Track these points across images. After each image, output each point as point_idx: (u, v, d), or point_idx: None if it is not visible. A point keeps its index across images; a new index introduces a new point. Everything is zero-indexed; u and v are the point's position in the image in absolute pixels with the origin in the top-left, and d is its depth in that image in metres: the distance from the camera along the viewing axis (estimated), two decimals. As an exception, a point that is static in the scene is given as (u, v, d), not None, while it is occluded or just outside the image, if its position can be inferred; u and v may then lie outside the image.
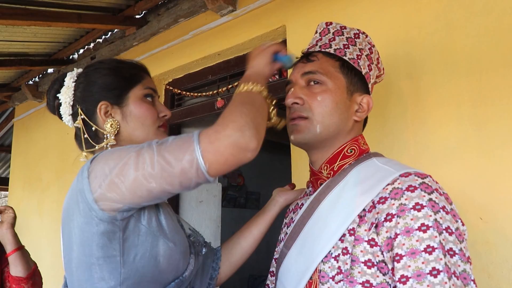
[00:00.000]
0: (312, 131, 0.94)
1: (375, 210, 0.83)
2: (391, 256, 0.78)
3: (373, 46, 1.05)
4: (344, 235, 0.84)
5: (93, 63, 1.07)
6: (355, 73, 0.98)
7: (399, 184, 0.82)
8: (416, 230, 0.76)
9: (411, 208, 0.77)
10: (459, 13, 1.42)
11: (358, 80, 0.98)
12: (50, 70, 3.46)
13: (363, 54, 1.00)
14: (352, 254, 0.81)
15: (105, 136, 0.97)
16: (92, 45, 3.04)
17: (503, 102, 1.29)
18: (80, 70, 1.05)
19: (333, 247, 0.85)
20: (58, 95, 1.03)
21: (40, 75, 3.59)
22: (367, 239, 0.81)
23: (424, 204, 0.77)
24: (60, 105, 1.02)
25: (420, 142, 1.45)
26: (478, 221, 1.29)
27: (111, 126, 0.96)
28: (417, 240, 0.75)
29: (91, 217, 0.81)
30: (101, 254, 0.82)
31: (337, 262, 0.83)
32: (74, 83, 1.01)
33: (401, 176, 0.84)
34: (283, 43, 1.92)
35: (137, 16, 2.64)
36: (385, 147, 1.49)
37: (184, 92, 2.56)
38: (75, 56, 3.22)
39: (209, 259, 1.05)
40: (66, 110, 1.01)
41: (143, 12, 2.62)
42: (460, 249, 0.76)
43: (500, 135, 1.29)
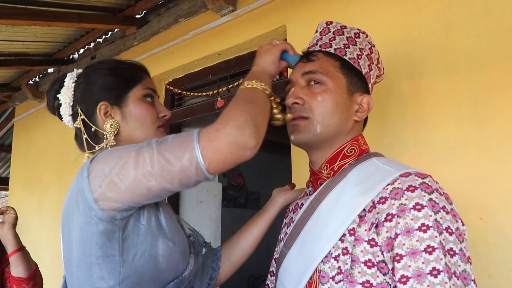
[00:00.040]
0: (312, 131, 0.94)
1: (375, 210, 0.82)
2: (391, 256, 0.78)
3: (373, 46, 1.04)
4: (344, 235, 0.84)
5: (93, 63, 1.07)
6: (355, 73, 0.98)
7: (399, 184, 0.82)
8: (417, 230, 0.75)
9: (411, 208, 0.77)
10: (459, 13, 1.42)
11: (358, 80, 0.98)
12: (50, 70, 3.46)
13: (363, 54, 1.00)
14: (352, 254, 0.81)
15: (105, 136, 0.97)
16: (92, 45, 3.04)
17: (503, 102, 1.29)
18: (80, 71, 1.05)
19: (333, 247, 0.84)
20: (58, 96, 1.03)
21: (40, 75, 3.59)
22: (367, 239, 0.81)
23: (424, 204, 0.77)
24: (60, 105, 1.02)
25: (420, 142, 1.45)
26: (478, 221, 1.29)
27: (110, 127, 0.96)
28: (417, 240, 0.75)
29: (91, 216, 0.81)
30: (100, 254, 0.82)
31: (337, 262, 0.83)
32: (74, 83, 1.01)
33: (401, 176, 0.84)
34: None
35: (137, 16, 2.64)
36: (385, 147, 1.49)
37: (184, 92, 2.56)
38: (75, 56, 3.22)
39: (209, 259, 1.05)
40: (66, 110, 1.01)
41: (143, 12, 2.62)
42: (460, 249, 0.76)
43: (500, 135, 1.29)
